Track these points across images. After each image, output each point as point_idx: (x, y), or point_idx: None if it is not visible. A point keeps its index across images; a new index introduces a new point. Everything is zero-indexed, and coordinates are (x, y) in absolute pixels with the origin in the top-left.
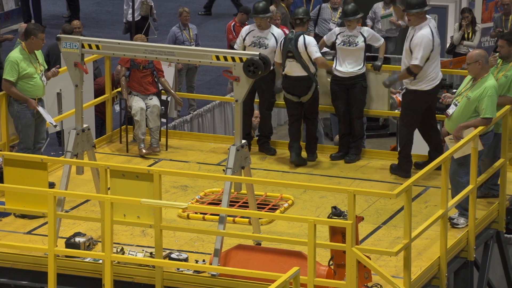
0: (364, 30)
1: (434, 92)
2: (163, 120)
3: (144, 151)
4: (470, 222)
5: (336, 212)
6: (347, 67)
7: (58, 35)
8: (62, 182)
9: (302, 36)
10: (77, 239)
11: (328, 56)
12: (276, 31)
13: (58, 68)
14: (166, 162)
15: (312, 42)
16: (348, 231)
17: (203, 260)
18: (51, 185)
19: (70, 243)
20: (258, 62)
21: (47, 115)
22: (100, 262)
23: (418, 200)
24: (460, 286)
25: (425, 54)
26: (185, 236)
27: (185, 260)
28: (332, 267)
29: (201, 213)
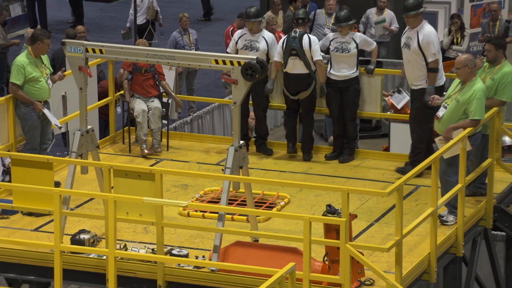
0: (357, 36)
1: (442, 89)
2: (164, 121)
3: (146, 151)
4: (459, 219)
5: (331, 210)
6: (340, 71)
7: (63, 40)
8: (67, 181)
9: (306, 35)
10: (82, 236)
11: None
12: (267, 34)
13: (63, 72)
14: (167, 162)
15: (316, 41)
16: (342, 228)
17: (203, 256)
18: (57, 184)
19: (75, 240)
20: (256, 65)
21: (53, 117)
22: (104, 258)
23: (409, 198)
24: (449, 281)
25: (438, 48)
26: (185, 233)
27: (185, 256)
28: (326, 262)
29: (201, 211)
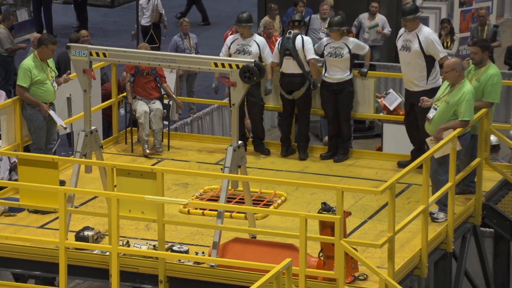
0: (349, 41)
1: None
2: (165, 122)
3: (147, 151)
4: (449, 216)
5: (326, 208)
6: (335, 74)
7: (68, 44)
8: (72, 180)
9: (300, 35)
10: (86, 233)
11: (318, 64)
12: (258, 38)
13: (68, 75)
14: (168, 161)
15: (309, 41)
16: (337, 225)
17: (203, 252)
18: (62, 183)
19: (79, 237)
20: (254, 68)
21: (58, 118)
22: (107, 254)
23: (401, 196)
24: (440, 276)
25: (441, 46)
26: (186, 230)
27: (186, 252)
28: (322, 258)
29: (200, 208)
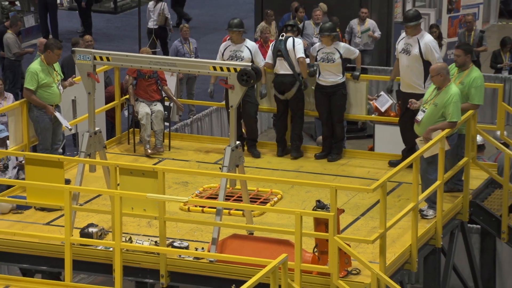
0: (340, 47)
1: None
2: (166, 123)
3: (149, 151)
4: (438, 213)
5: (320, 205)
6: (328, 78)
7: (73, 49)
8: (76, 179)
9: (292, 38)
10: (90, 230)
11: (311, 68)
12: (250, 44)
13: (73, 79)
14: (169, 161)
15: (299, 42)
16: (331, 222)
17: (202, 248)
18: (67, 181)
19: (84, 233)
20: (251, 72)
21: (63, 119)
22: (111, 250)
23: (392, 194)
24: (429, 270)
25: (438, 53)
26: (186, 227)
27: (186, 248)
28: (316, 253)
29: (200, 206)
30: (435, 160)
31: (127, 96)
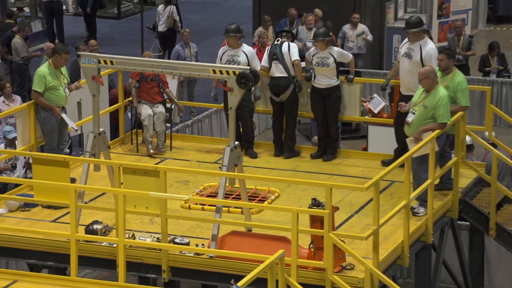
0: (334, 51)
1: None
2: (168, 124)
3: (151, 151)
4: (429, 211)
5: (316, 203)
6: (323, 81)
7: (78, 53)
8: (82, 177)
9: (287, 42)
10: (95, 226)
11: (308, 73)
12: (247, 48)
13: (79, 83)
14: (170, 160)
15: (294, 45)
16: (326, 219)
17: (202, 244)
18: (73, 180)
19: (89, 230)
20: (249, 75)
21: (69, 121)
22: (115, 246)
23: (385, 192)
24: (420, 265)
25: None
26: (187, 224)
27: (187, 244)
28: (312, 249)
29: (200, 204)
30: (425, 160)
31: (130, 98)
